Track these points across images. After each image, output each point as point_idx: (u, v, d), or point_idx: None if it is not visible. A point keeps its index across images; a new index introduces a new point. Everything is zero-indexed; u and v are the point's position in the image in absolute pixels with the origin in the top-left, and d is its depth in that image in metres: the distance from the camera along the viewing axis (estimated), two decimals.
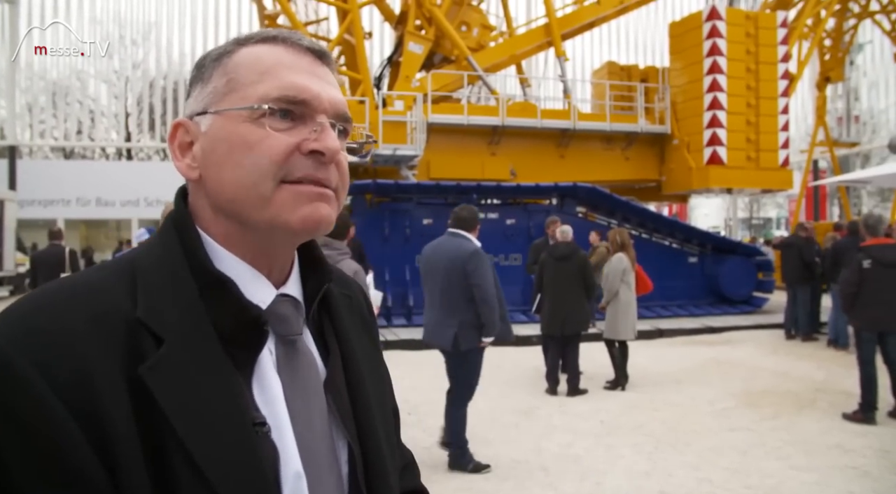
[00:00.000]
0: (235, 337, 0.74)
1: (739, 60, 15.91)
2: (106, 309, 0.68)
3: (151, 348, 0.68)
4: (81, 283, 0.71)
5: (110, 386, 0.64)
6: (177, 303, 0.72)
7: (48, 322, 0.65)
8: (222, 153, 0.78)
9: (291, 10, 15.34)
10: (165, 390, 0.66)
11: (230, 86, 0.80)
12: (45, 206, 22.09)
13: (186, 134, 0.82)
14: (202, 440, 0.66)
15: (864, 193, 31.07)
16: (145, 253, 0.77)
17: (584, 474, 4.92)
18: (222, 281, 0.76)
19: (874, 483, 4.71)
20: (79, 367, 0.63)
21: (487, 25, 17.24)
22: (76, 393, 0.62)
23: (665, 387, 7.67)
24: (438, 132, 14.80)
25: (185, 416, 0.66)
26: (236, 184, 0.77)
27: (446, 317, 4.90)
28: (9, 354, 0.62)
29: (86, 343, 0.65)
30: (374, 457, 0.84)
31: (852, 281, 6.36)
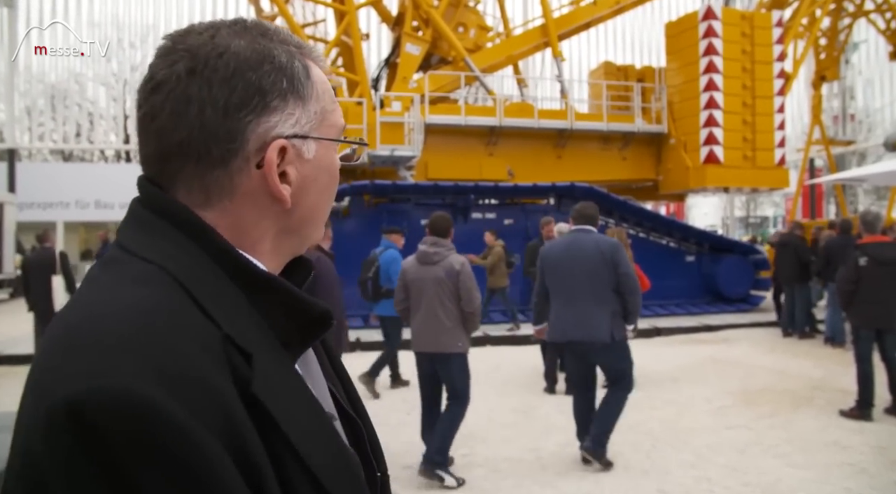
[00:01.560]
0: (291, 338, 0.73)
1: (735, 60, 15.96)
2: (204, 334, 0.63)
3: (243, 364, 0.64)
4: (153, 304, 0.63)
5: (243, 420, 0.61)
6: (241, 313, 0.69)
7: (174, 360, 0.59)
8: (324, 182, 0.81)
9: (289, 11, 15.36)
10: (275, 403, 0.65)
11: (323, 113, 0.80)
12: (44, 209, 22.05)
13: (283, 159, 0.76)
14: (310, 446, 0.67)
15: (861, 191, 31.12)
16: (173, 263, 0.69)
17: (583, 472, 4.97)
18: (274, 283, 0.73)
19: (871, 479, 4.75)
20: (221, 404, 0.60)
21: (484, 26, 17.27)
22: (227, 432, 0.59)
23: (663, 386, 7.71)
24: (436, 133, 14.84)
25: (295, 425, 0.66)
26: (322, 210, 0.83)
27: (598, 311, 4.99)
28: (162, 404, 0.56)
29: (214, 376, 0.61)
30: (370, 428, 0.88)
31: (849, 278, 6.39)
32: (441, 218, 5.05)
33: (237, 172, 0.73)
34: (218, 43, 0.73)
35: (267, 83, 0.74)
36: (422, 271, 4.90)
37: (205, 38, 0.74)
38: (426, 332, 4.88)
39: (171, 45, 0.76)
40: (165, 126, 0.72)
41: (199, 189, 0.73)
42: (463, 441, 5.42)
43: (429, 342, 4.88)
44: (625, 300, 5.02)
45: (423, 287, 4.87)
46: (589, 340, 5.02)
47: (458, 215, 12.37)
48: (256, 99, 0.73)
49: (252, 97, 0.73)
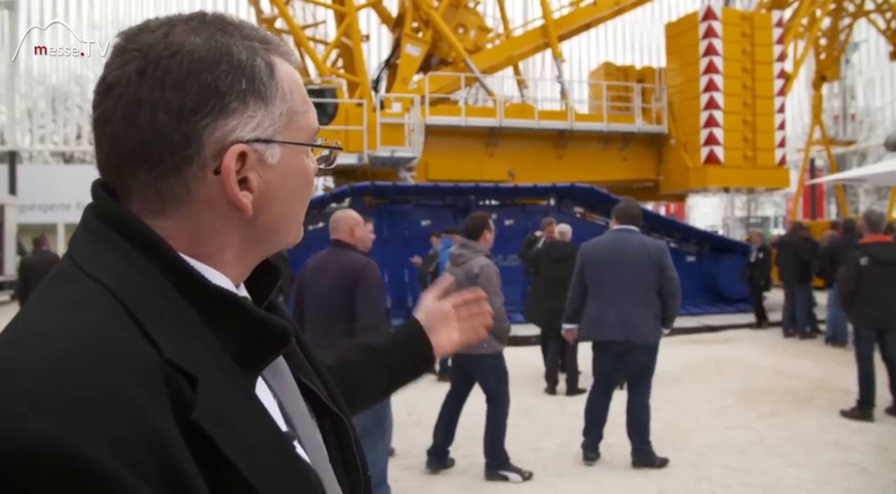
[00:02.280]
0: (247, 356, 0.68)
1: (735, 60, 15.96)
2: (142, 363, 0.57)
3: (188, 390, 0.59)
4: (87, 333, 0.57)
5: (178, 447, 0.55)
6: (189, 333, 0.64)
7: (100, 393, 0.53)
8: (291, 189, 0.75)
9: (289, 13, 15.37)
10: (220, 431, 0.59)
11: (289, 114, 0.74)
12: (45, 211, 22.08)
13: (241, 163, 0.70)
14: (262, 472, 0.62)
15: (861, 191, 31.11)
16: (116, 281, 0.63)
17: (584, 473, 4.97)
18: (231, 300, 0.68)
19: (872, 479, 4.75)
20: (153, 441, 0.53)
21: (484, 27, 17.28)
22: (159, 472, 0.53)
23: (663, 386, 7.69)
24: (436, 134, 14.84)
25: (242, 453, 0.60)
26: (291, 218, 0.77)
27: (644, 312, 5.00)
28: (80, 446, 0.49)
29: (151, 413, 0.55)
30: (350, 425, 0.86)
31: (849, 278, 6.39)
32: (473, 219, 5.03)
33: (193, 179, 0.68)
34: (171, 41, 0.68)
35: (224, 84, 0.68)
36: (453, 272, 4.89)
37: (157, 35, 0.68)
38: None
39: (123, 44, 0.69)
40: (117, 131, 0.67)
41: (153, 197, 0.68)
42: (463, 442, 5.42)
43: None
44: (665, 303, 5.04)
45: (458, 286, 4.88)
46: (631, 341, 5.03)
47: (458, 216, 12.37)
48: (213, 101, 0.68)
49: (208, 99, 0.67)
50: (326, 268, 3.96)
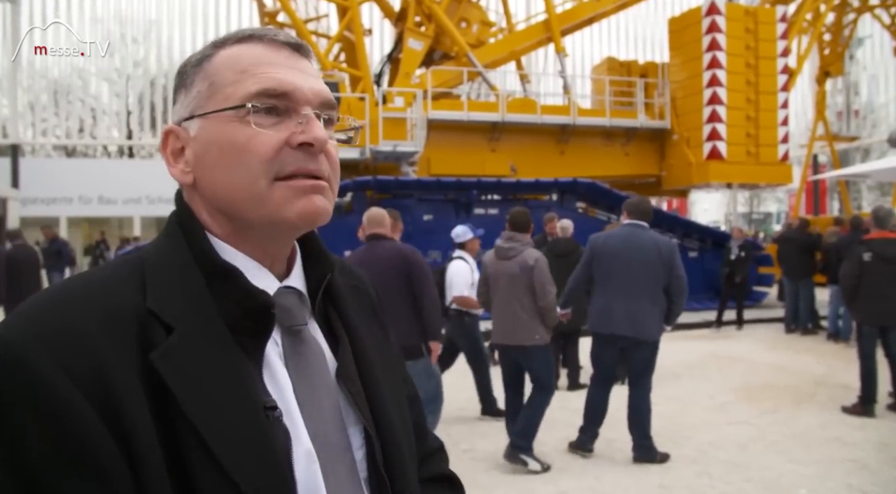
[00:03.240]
0: (243, 325, 0.76)
1: (739, 55, 15.91)
2: (117, 304, 0.71)
3: (162, 337, 0.70)
4: (93, 280, 0.74)
5: (124, 377, 0.66)
6: (185, 294, 0.75)
7: (64, 322, 0.67)
8: (214, 156, 0.80)
9: (291, 7, 15.35)
10: (176, 375, 0.68)
11: (212, 89, 0.81)
12: (47, 204, 22.08)
13: (177, 140, 0.84)
14: (214, 423, 0.68)
15: (864, 187, 31.06)
16: (153, 250, 0.80)
17: (584, 468, 4.97)
18: (227, 271, 0.78)
19: (873, 475, 4.75)
20: (95, 364, 0.65)
21: (487, 22, 17.24)
22: (94, 388, 0.64)
23: (665, 381, 7.70)
24: (438, 128, 14.82)
25: (196, 401, 0.68)
26: (231, 186, 0.79)
27: (652, 309, 5.04)
28: (31, 355, 0.64)
29: (100, 339, 0.67)
30: (390, 440, 0.86)
31: (852, 273, 6.37)
32: (520, 213, 5.07)
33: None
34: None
35: (175, 86, 0.87)
36: (498, 266, 4.95)
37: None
38: (503, 326, 4.95)
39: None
40: None
41: None
42: (464, 437, 5.43)
43: (506, 335, 4.94)
44: (671, 301, 5.07)
45: (498, 281, 4.92)
46: (638, 337, 5.07)
47: (460, 211, 12.37)
48: (174, 99, 0.87)
49: (174, 100, 0.87)
50: (374, 260, 4.22)
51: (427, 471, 1.02)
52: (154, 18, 28.71)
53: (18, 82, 24.97)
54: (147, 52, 29.25)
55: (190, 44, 28.94)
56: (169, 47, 28.80)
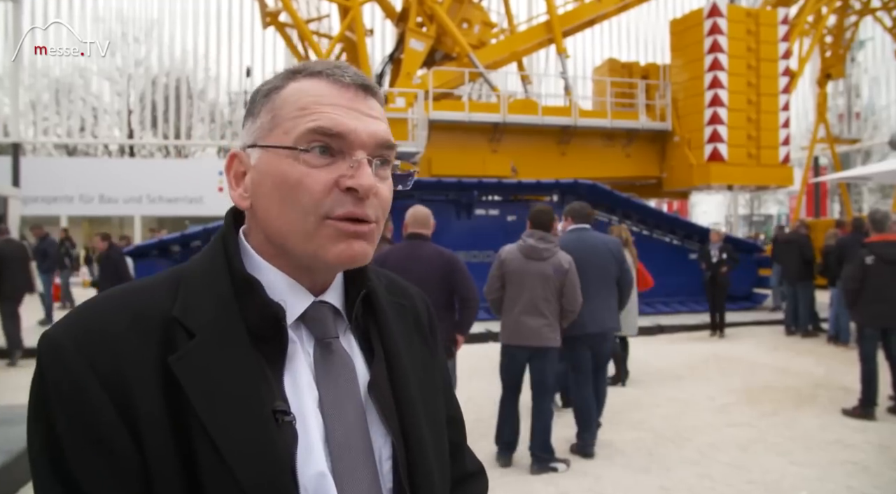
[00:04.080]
0: (263, 334, 0.81)
1: (740, 57, 15.92)
2: (147, 310, 0.79)
3: (184, 342, 0.78)
4: (136, 288, 0.84)
5: (142, 374, 0.75)
6: (212, 303, 0.81)
7: (98, 323, 0.78)
8: (268, 187, 0.84)
9: (293, 7, 15.36)
10: (191, 378, 0.75)
11: (275, 121, 0.84)
12: (48, 203, 22.12)
13: (241, 164, 0.88)
14: (221, 424, 0.74)
15: (865, 190, 31.06)
16: (196, 261, 0.88)
17: (584, 469, 4.96)
18: (251, 282, 0.83)
19: (873, 478, 4.75)
20: (116, 363, 0.75)
21: (489, 22, 17.25)
22: (114, 382, 0.74)
23: (665, 383, 7.71)
24: (440, 129, 14.83)
25: (207, 402, 0.75)
26: (282, 219, 0.83)
27: (612, 303, 5.36)
28: (67, 348, 0.75)
29: (125, 342, 0.76)
30: (418, 455, 0.88)
31: (855, 277, 6.37)
32: (545, 211, 5.01)
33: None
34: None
35: (246, 111, 0.91)
36: (527, 265, 4.84)
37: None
38: (527, 326, 4.86)
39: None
40: None
41: None
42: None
43: (531, 335, 4.87)
44: (622, 292, 5.43)
45: (525, 280, 4.83)
46: (605, 331, 5.33)
47: (461, 211, 12.37)
48: (244, 123, 0.91)
49: (244, 124, 0.91)
50: (416, 261, 4.27)
51: (462, 492, 1.04)
52: (155, 18, 28.72)
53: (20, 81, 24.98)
54: (148, 51, 29.27)
55: (191, 43, 28.98)
56: (170, 46, 28.82)
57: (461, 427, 1.08)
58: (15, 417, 5.01)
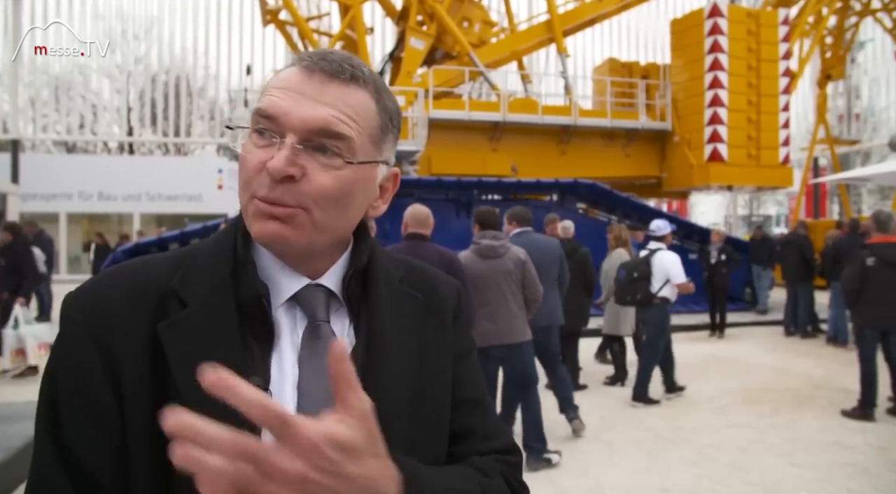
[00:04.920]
0: (251, 311, 0.86)
1: (741, 58, 15.92)
2: (147, 282, 0.86)
3: (176, 311, 0.84)
4: (147, 261, 0.91)
5: (131, 338, 0.82)
6: (210, 279, 0.87)
7: (101, 292, 0.86)
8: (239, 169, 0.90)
9: (293, 5, 15.34)
10: (174, 344, 0.81)
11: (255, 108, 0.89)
12: (47, 200, 22.09)
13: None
14: (193, 388, 0.71)
15: (864, 191, 31.07)
16: (207, 241, 0.94)
17: (584, 469, 4.96)
18: (243, 262, 0.88)
19: (873, 479, 4.74)
20: (110, 324, 0.83)
21: (489, 21, 17.24)
22: (105, 340, 0.82)
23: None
24: (440, 128, 14.82)
25: (183, 367, 0.79)
26: (242, 196, 0.88)
27: (558, 299, 5.61)
28: (78, 322, 0.84)
29: (122, 310, 0.84)
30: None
31: (856, 277, 6.36)
32: (490, 212, 5.10)
33: None
34: None
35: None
36: (488, 265, 4.87)
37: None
38: (500, 325, 4.88)
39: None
40: None
41: None
42: None
43: (505, 334, 4.89)
44: (562, 287, 5.76)
45: (489, 281, 4.85)
46: (553, 324, 5.56)
47: (461, 211, 12.36)
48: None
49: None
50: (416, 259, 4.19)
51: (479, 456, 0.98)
52: (155, 15, 28.70)
53: (19, 78, 24.94)
54: (148, 48, 29.24)
55: (191, 40, 28.95)
56: (170, 44, 28.79)
57: (481, 412, 1.03)
58: (13, 414, 5.00)
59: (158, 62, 29.03)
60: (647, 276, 6.76)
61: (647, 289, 6.75)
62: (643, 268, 6.81)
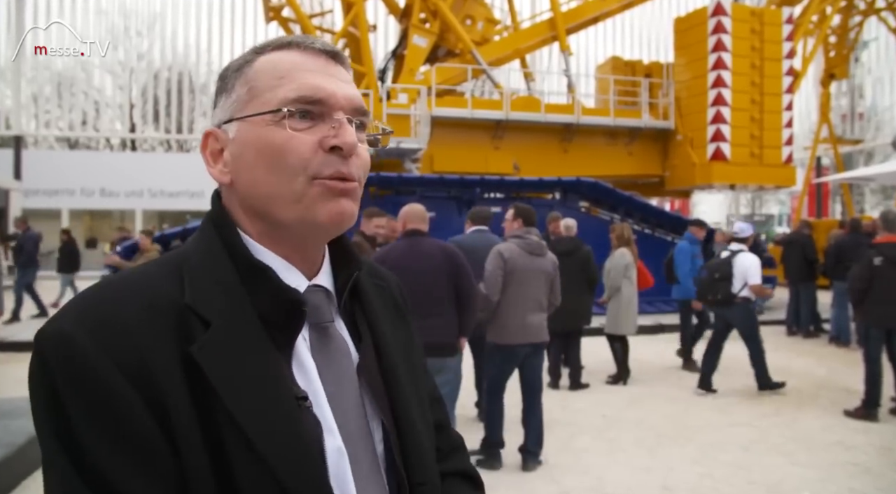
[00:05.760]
0: (275, 320, 0.81)
1: (744, 56, 15.88)
2: (157, 298, 0.77)
3: (200, 330, 0.76)
4: (134, 277, 0.81)
5: (165, 366, 0.72)
6: (221, 290, 0.80)
7: (112, 314, 0.74)
8: (251, 157, 0.84)
9: (296, 1, 15.33)
10: (214, 366, 0.74)
11: (252, 93, 0.86)
12: (49, 196, 22.11)
13: (216, 142, 0.89)
14: (250, 412, 0.73)
15: (867, 191, 31.02)
16: (190, 248, 0.85)
17: (586, 468, 4.95)
18: (261, 268, 0.83)
19: (875, 479, 4.73)
20: (138, 353, 0.72)
21: (492, 19, 17.22)
22: (138, 375, 0.71)
23: (667, 382, 7.70)
24: (442, 125, 14.80)
25: (232, 390, 0.74)
26: (269, 184, 0.83)
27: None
28: (84, 344, 0.71)
29: (142, 332, 0.73)
30: (409, 435, 0.89)
31: (862, 277, 6.33)
32: (529, 209, 5.07)
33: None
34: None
35: (216, 90, 0.91)
36: (533, 262, 4.83)
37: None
38: (533, 324, 4.85)
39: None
40: None
41: None
42: (465, 437, 5.41)
43: (536, 332, 4.88)
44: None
45: (530, 278, 4.80)
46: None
47: (462, 208, 12.34)
48: (214, 103, 0.91)
49: (214, 104, 0.91)
50: (417, 257, 4.24)
51: (449, 466, 1.05)
52: (158, 11, 28.71)
53: (22, 74, 24.95)
54: (151, 45, 29.27)
55: (194, 37, 28.95)
56: (173, 40, 28.80)
57: (442, 405, 1.09)
58: (15, 409, 5.00)
59: (161, 59, 29.05)
60: (728, 277, 7.01)
61: (728, 289, 6.99)
62: (725, 269, 7.07)
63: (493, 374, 4.98)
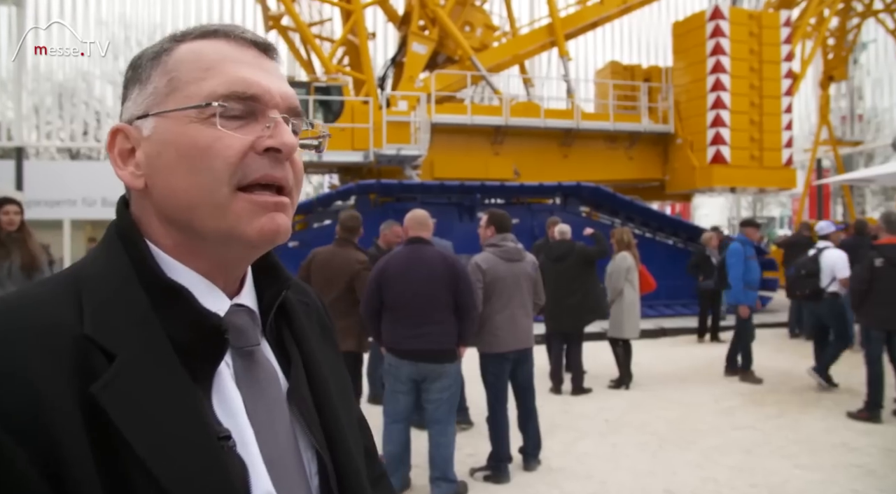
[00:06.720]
0: (193, 349, 0.70)
1: (743, 59, 15.90)
2: (49, 326, 0.64)
3: (103, 365, 0.64)
4: (24, 299, 0.68)
5: (60, 411, 0.60)
6: (127, 315, 0.68)
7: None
8: (170, 158, 0.73)
9: (295, 10, 15.37)
10: (120, 409, 0.62)
11: (172, 85, 0.75)
12: (51, 207, 22.10)
13: (126, 140, 0.77)
14: (165, 459, 0.63)
15: (868, 192, 30.96)
16: (89, 265, 0.73)
17: (589, 472, 4.95)
18: (176, 291, 0.71)
19: (879, 481, 4.73)
20: (25, 395, 0.59)
21: (491, 25, 17.25)
22: (25, 424, 0.58)
23: (669, 386, 7.69)
24: (442, 132, 14.82)
25: (144, 435, 0.62)
26: (189, 191, 0.73)
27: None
28: None
29: (30, 366, 0.60)
30: (346, 465, 0.82)
31: (863, 278, 6.34)
32: (506, 215, 5.09)
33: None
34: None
35: (126, 81, 0.79)
36: (511, 267, 4.85)
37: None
38: (521, 329, 4.87)
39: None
40: None
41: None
42: (468, 441, 5.42)
43: (525, 338, 4.91)
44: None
45: (512, 284, 4.82)
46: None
47: (463, 214, 12.36)
48: (123, 96, 0.80)
49: (124, 97, 0.80)
50: (419, 264, 4.24)
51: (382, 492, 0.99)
52: (158, 22, 28.78)
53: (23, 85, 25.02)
54: None
55: None
56: None
57: (368, 429, 1.01)
58: None
59: None
60: (815, 273, 7.39)
61: (816, 285, 7.34)
62: (811, 266, 7.49)
63: (492, 383, 4.94)
